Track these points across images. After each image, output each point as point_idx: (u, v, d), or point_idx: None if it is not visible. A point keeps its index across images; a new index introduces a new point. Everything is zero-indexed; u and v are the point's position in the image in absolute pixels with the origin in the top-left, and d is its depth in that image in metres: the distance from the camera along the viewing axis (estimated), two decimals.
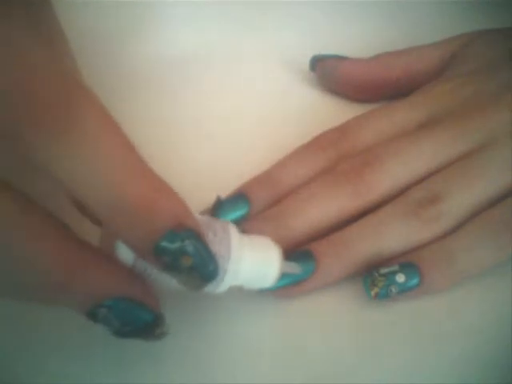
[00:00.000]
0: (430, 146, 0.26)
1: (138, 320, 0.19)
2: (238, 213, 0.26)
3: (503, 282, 0.25)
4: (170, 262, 0.18)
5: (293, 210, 0.25)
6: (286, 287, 0.24)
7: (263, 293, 0.24)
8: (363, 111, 0.29)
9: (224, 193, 0.27)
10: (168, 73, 0.34)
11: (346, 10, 0.37)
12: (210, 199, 0.26)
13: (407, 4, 0.38)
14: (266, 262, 0.21)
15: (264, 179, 0.27)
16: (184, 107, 0.33)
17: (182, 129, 0.31)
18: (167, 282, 0.20)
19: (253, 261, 0.21)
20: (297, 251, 0.25)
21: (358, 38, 0.35)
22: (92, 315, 0.19)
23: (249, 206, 0.26)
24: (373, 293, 0.24)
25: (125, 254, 0.19)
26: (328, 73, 0.33)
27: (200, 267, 0.18)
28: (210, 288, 0.20)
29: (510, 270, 0.25)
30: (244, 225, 0.25)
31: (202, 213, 0.26)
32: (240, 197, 0.26)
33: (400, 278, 0.24)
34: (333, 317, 0.25)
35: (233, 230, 0.21)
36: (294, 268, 0.23)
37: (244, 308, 0.24)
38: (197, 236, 0.18)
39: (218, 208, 0.26)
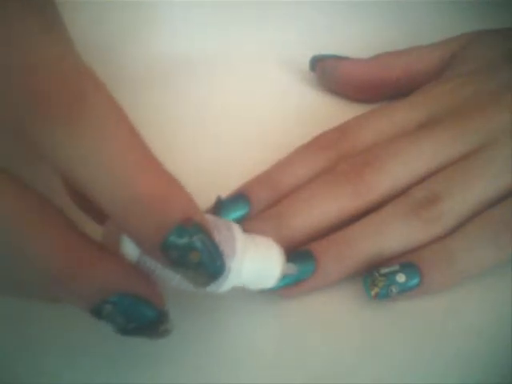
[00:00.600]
0: (430, 146, 0.26)
1: (143, 317, 0.19)
2: (239, 213, 0.26)
3: (503, 282, 0.25)
4: (178, 258, 0.18)
5: (293, 210, 0.25)
6: (287, 287, 0.24)
7: (264, 292, 0.24)
8: (363, 111, 0.29)
9: (224, 193, 0.27)
10: (168, 73, 0.34)
11: (346, 10, 0.38)
12: (210, 199, 0.26)
13: (407, 4, 0.38)
14: (269, 262, 0.21)
15: (264, 179, 0.27)
16: (184, 107, 0.33)
17: (182, 129, 0.31)
18: (171, 279, 0.20)
19: (256, 261, 0.21)
20: (297, 251, 0.25)
21: (357, 38, 0.35)
22: (96, 312, 0.18)
23: (249, 206, 0.26)
24: (373, 293, 0.24)
25: (129, 250, 0.19)
26: (328, 73, 0.33)
27: (207, 263, 0.18)
28: (212, 287, 0.20)
29: (510, 270, 0.25)
30: (244, 225, 0.25)
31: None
32: (240, 197, 0.26)
33: (400, 277, 0.24)
34: (333, 317, 0.25)
35: (237, 230, 0.21)
36: (292, 269, 0.23)
37: (244, 308, 0.24)
38: (205, 232, 0.18)
39: (218, 208, 0.26)
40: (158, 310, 0.19)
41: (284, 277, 0.22)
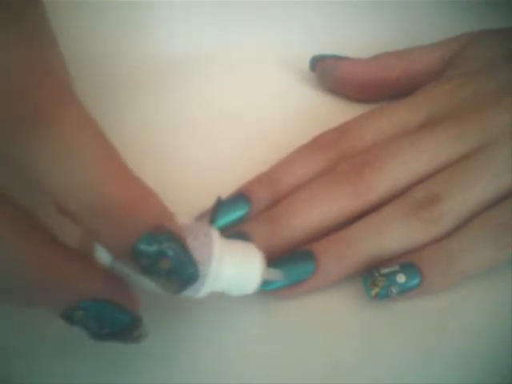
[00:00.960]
0: (430, 146, 0.26)
1: (116, 322, 0.19)
2: (239, 213, 0.26)
3: (503, 282, 0.25)
4: (148, 265, 0.18)
5: (293, 210, 0.25)
6: (287, 287, 0.24)
7: (264, 293, 0.24)
8: (363, 111, 0.29)
9: (224, 193, 0.27)
10: (167, 73, 0.34)
11: (346, 10, 0.38)
12: (210, 200, 0.26)
13: (407, 4, 0.38)
14: (248, 268, 0.21)
15: (264, 179, 0.27)
16: (184, 107, 0.33)
17: (182, 129, 0.31)
18: (147, 284, 0.19)
19: (234, 266, 0.21)
20: (297, 251, 0.25)
21: (357, 38, 0.35)
22: (67, 317, 0.18)
23: (249, 206, 0.26)
24: (373, 293, 0.24)
25: (103, 254, 0.19)
26: (328, 73, 0.33)
27: (179, 271, 0.18)
28: (189, 293, 0.20)
29: (510, 270, 0.25)
30: (244, 225, 0.25)
31: (202, 214, 0.26)
32: (240, 197, 0.26)
33: (400, 278, 0.24)
34: (333, 317, 0.25)
35: (215, 236, 0.20)
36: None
37: (244, 308, 0.24)
38: (176, 239, 0.18)
39: (218, 208, 0.26)
40: (132, 315, 0.19)
41: (267, 282, 0.22)
